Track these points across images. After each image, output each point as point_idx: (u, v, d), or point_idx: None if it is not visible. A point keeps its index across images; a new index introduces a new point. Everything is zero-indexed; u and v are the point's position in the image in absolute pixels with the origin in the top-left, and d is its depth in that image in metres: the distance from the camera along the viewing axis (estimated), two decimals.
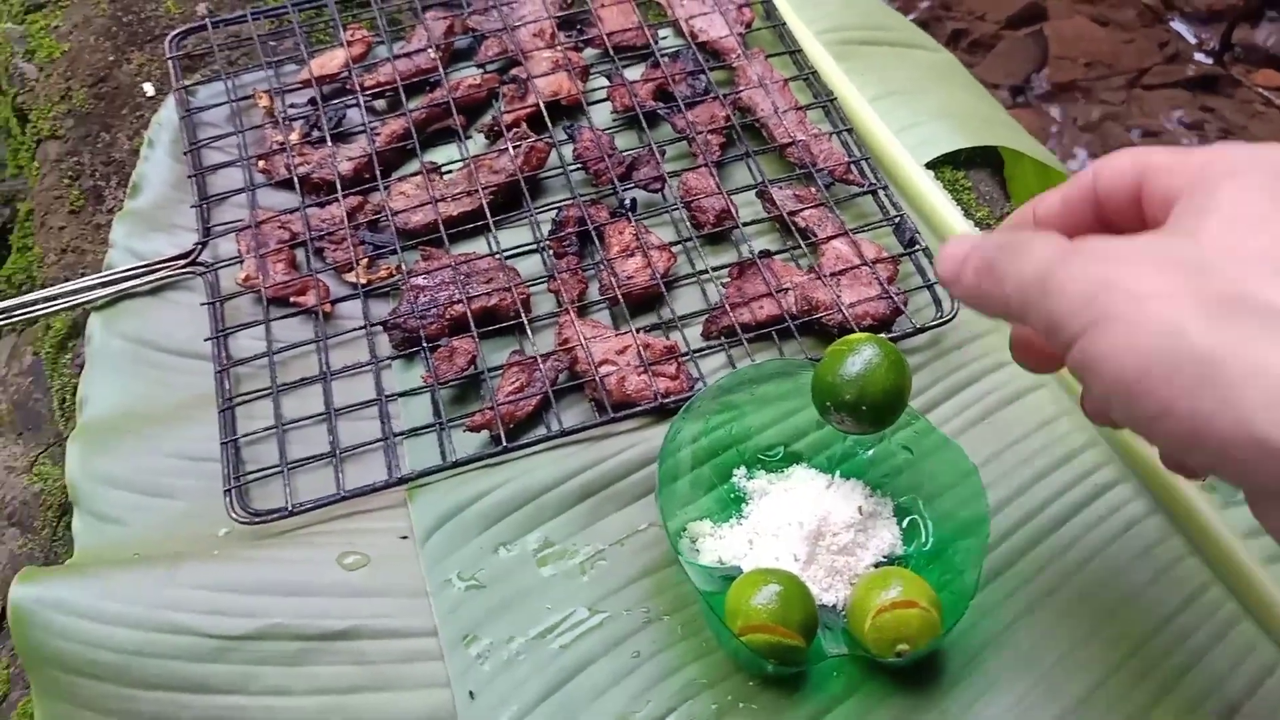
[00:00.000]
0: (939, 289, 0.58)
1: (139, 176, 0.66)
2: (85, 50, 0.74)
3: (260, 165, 0.66)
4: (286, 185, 0.65)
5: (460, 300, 0.58)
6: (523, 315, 0.58)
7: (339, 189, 0.64)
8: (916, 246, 0.60)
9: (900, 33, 0.74)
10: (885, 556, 0.48)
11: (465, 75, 0.69)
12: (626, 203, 0.62)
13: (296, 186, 0.64)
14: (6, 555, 0.63)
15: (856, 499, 0.49)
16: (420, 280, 0.59)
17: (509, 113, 0.66)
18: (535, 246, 0.62)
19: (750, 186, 0.63)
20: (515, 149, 0.63)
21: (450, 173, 0.65)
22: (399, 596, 0.49)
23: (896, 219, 0.61)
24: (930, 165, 0.65)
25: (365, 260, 0.61)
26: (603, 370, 0.55)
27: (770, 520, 0.49)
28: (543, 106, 0.66)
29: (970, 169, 0.67)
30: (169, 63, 0.70)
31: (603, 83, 0.69)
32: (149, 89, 0.72)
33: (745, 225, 0.61)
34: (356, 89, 0.68)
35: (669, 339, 0.57)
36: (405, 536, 0.51)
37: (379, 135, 0.66)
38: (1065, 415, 0.55)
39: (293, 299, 0.60)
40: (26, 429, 0.69)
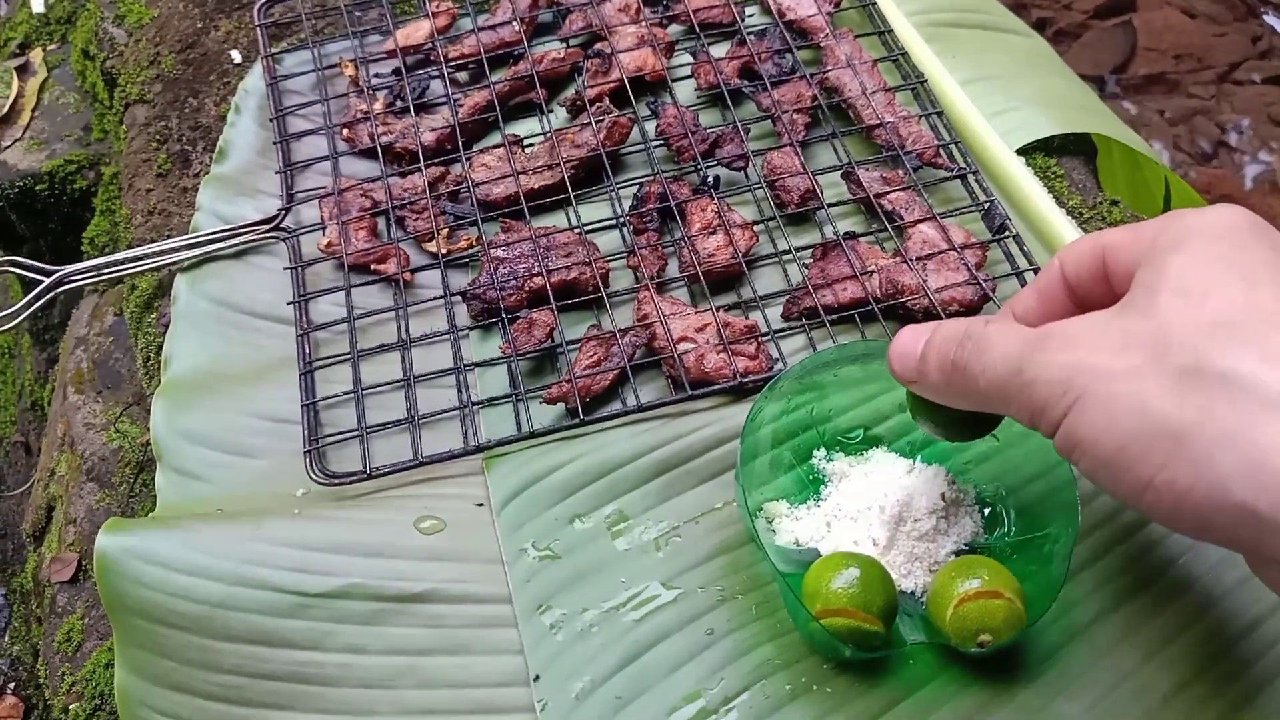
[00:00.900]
0: (1028, 276, 0.57)
1: (225, 142, 0.67)
2: (174, 16, 0.75)
3: (344, 134, 0.66)
4: (369, 154, 0.65)
5: (539, 273, 0.57)
6: (601, 290, 0.57)
7: (421, 159, 0.64)
8: (1006, 233, 0.58)
9: (992, 16, 0.73)
10: (967, 545, 0.47)
11: (549, 49, 0.69)
12: (709, 180, 0.61)
13: (379, 155, 0.64)
14: (85, 509, 0.64)
15: (940, 485, 0.48)
16: (500, 252, 0.59)
17: (592, 87, 0.66)
18: (615, 222, 0.61)
19: (836, 167, 0.62)
20: (598, 123, 0.63)
21: (532, 146, 0.65)
22: (474, 563, 0.49)
23: (986, 204, 0.60)
24: (1021, 151, 0.64)
25: (445, 230, 0.61)
26: (681, 347, 0.54)
27: (850, 503, 0.48)
28: (626, 82, 0.65)
29: (1063, 156, 0.66)
30: (257, 30, 0.71)
31: (687, 59, 0.69)
32: (236, 56, 0.73)
33: (830, 206, 0.60)
34: (440, 60, 0.68)
35: (749, 318, 0.57)
36: (481, 504, 0.51)
37: (462, 107, 0.66)
38: None
39: (373, 266, 0.60)
40: (106, 387, 0.70)
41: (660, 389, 0.55)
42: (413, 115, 0.66)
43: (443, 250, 0.61)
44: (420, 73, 0.69)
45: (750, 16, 0.71)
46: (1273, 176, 1.14)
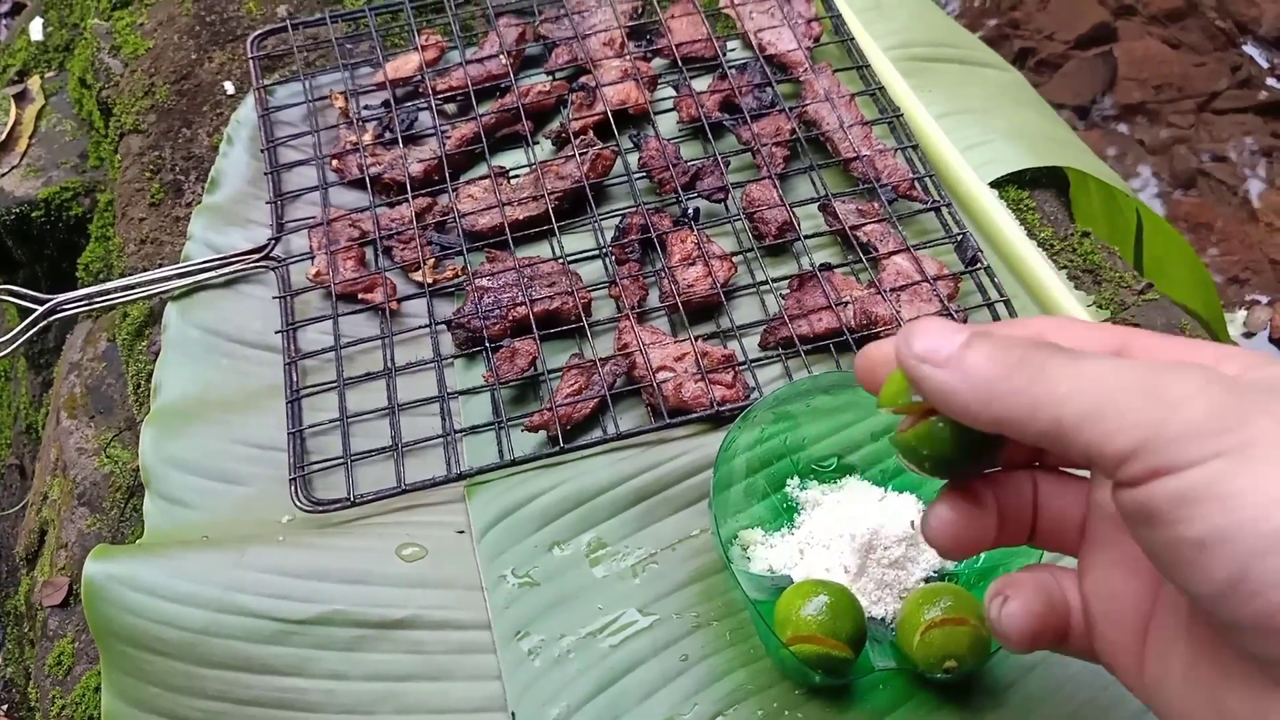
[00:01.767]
0: (999, 308, 0.58)
1: (217, 172, 0.68)
2: (169, 48, 0.76)
3: (334, 164, 0.68)
4: (358, 185, 0.67)
5: (523, 302, 0.59)
6: (584, 319, 0.59)
7: (409, 190, 0.65)
8: (978, 265, 0.60)
9: (968, 50, 0.74)
10: (936, 572, 0.48)
11: (535, 82, 0.70)
12: (689, 212, 0.62)
13: (368, 186, 0.66)
14: (76, 534, 0.65)
15: (909, 513, 0.49)
16: (485, 281, 0.60)
17: (577, 120, 0.67)
18: (598, 252, 0.63)
19: (813, 199, 0.64)
20: (582, 156, 0.64)
21: (517, 177, 0.66)
22: (455, 589, 0.50)
23: (959, 236, 0.61)
24: (995, 184, 0.65)
25: (432, 260, 0.62)
26: (660, 376, 0.56)
27: (822, 531, 0.49)
28: (610, 115, 0.67)
29: (1035, 189, 0.67)
30: (249, 62, 0.72)
31: (670, 93, 0.70)
32: (229, 87, 0.74)
33: (806, 238, 0.62)
34: (429, 92, 0.70)
35: (727, 348, 0.58)
36: (462, 531, 0.52)
37: (449, 138, 0.67)
38: None
39: (360, 295, 0.62)
40: (99, 412, 0.71)
41: (640, 417, 0.56)
42: (401, 147, 0.67)
43: (429, 280, 0.62)
44: (409, 105, 0.70)
45: (732, 51, 0.72)
46: (1250, 204, 1.16)
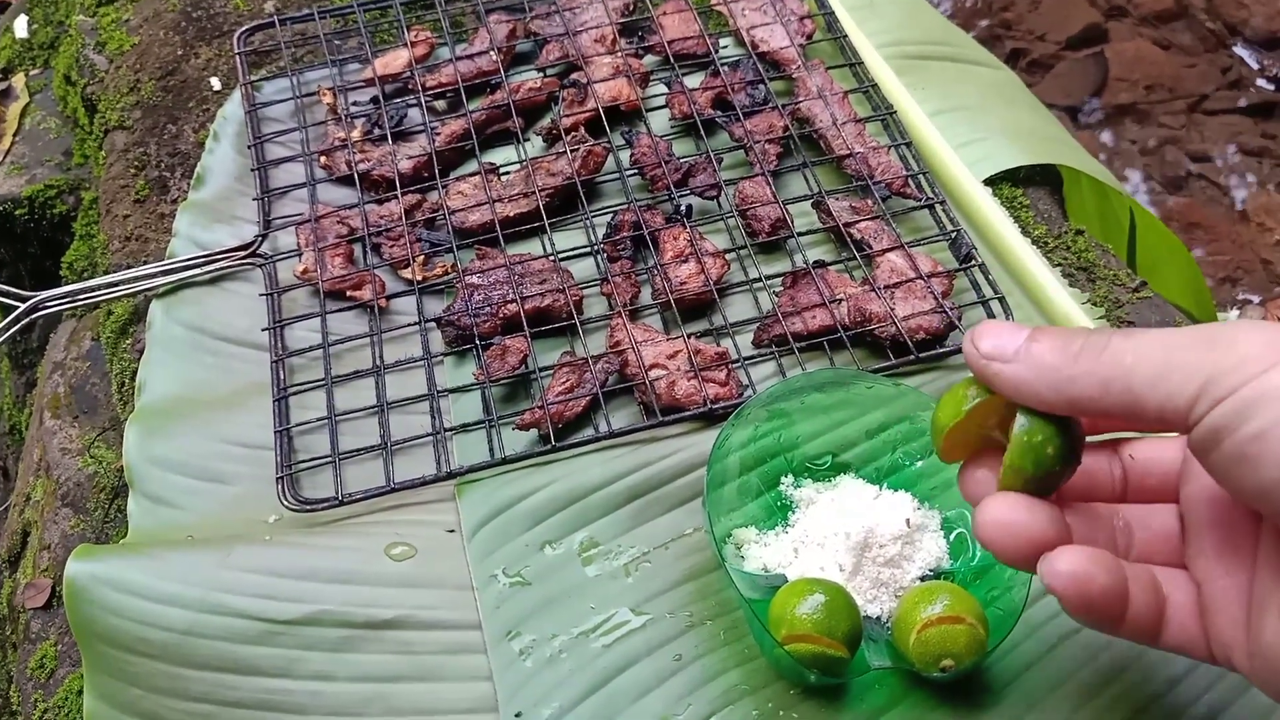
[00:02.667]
0: (994, 305, 0.58)
1: (203, 168, 0.67)
2: (155, 44, 0.76)
3: (322, 161, 0.67)
4: (346, 181, 0.66)
5: (514, 300, 0.58)
6: (575, 317, 0.58)
7: (398, 186, 0.64)
8: (972, 262, 0.59)
9: (962, 49, 0.74)
10: (932, 570, 0.48)
11: (526, 78, 0.70)
12: (682, 209, 0.62)
13: (356, 183, 0.65)
14: (59, 535, 0.64)
15: (904, 511, 0.48)
16: (475, 279, 0.59)
17: (568, 116, 0.66)
18: (590, 249, 0.62)
19: (806, 197, 0.63)
20: (573, 152, 0.64)
21: (508, 174, 0.66)
22: (444, 589, 0.49)
23: (953, 234, 0.61)
24: (988, 182, 0.65)
25: (421, 257, 0.62)
26: (653, 374, 0.55)
27: (817, 529, 0.48)
28: (601, 111, 0.66)
29: (1029, 187, 0.67)
30: (236, 58, 0.71)
31: (662, 90, 0.70)
32: (216, 83, 0.73)
33: (800, 235, 0.61)
34: (418, 89, 0.69)
35: (720, 345, 0.57)
36: (452, 530, 0.51)
37: (439, 135, 0.67)
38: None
39: (349, 293, 0.61)
40: (82, 412, 0.70)
41: (632, 415, 0.56)
42: (390, 143, 0.67)
43: (418, 277, 0.61)
44: (398, 101, 0.69)
45: (724, 48, 0.72)
46: (1241, 205, 1.16)
